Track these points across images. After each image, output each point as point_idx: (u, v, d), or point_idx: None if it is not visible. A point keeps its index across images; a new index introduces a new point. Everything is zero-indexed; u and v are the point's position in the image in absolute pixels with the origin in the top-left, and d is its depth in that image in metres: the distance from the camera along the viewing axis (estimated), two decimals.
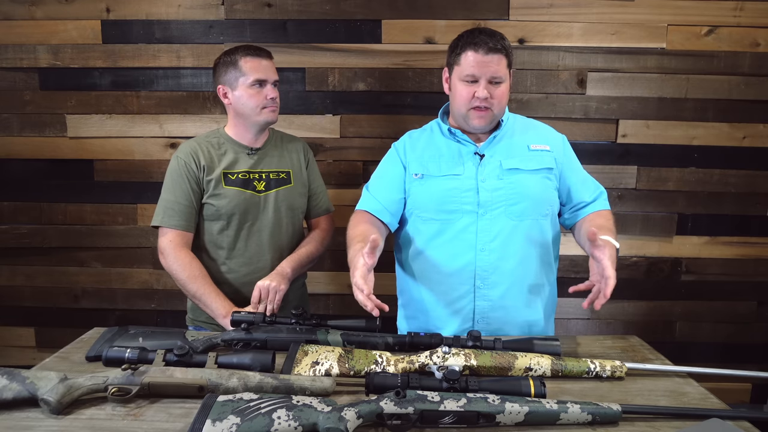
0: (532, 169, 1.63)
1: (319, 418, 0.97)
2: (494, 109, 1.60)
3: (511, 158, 1.64)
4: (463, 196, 1.62)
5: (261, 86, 1.76)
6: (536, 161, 1.64)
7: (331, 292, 2.49)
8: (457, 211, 1.62)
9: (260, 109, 1.77)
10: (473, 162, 1.64)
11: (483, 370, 1.25)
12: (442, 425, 1.04)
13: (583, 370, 1.28)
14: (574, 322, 2.48)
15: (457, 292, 1.62)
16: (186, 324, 1.90)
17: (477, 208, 1.61)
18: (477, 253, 1.61)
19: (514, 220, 1.60)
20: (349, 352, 1.26)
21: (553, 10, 2.33)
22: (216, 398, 1.01)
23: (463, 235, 1.62)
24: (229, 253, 1.82)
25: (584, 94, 2.38)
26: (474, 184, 1.62)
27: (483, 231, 1.61)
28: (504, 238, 1.60)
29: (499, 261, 1.59)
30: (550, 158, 1.67)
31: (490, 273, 1.60)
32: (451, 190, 1.63)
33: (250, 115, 1.78)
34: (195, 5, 2.33)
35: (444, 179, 1.65)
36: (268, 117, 1.79)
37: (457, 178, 1.64)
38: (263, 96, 1.76)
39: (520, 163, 1.63)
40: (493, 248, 1.60)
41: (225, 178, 1.78)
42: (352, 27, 2.34)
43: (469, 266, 1.61)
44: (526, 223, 1.61)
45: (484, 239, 1.61)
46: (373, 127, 2.40)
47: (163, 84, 2.37)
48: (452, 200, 1.63)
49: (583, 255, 2.43)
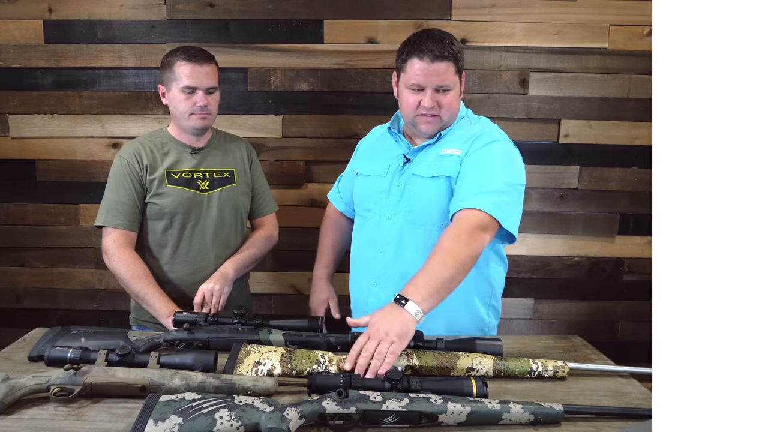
0: (431, 177, 1.57)
1: (261, 418, 0.98)
2: (443, 116, 1.58)
3: (421, 164, 1.60)
4: (377, 197, 1.65)
5: (191, 93, 1.75)
6: (438, 168, 1.57)
7: (274, 292, 2.49)
8: (371, 210, 1.68)
9: (188, 115, 1.77)
10: (397, 165, 1.65)
11: (425, 370, 1.26)
12: (384, 425, 1.05)
13: (526, 370, 1.28)
14: (516, 322, 2.48)
15: (364, 288, 1.67)
16: (129, 324, 1.91)
17: (384, 210, 1.64)
18: (376, 253, 1.65)
19: (409, 226, 1.60)
20: (291, 352, 1.27)
21: (496, 10, 2.33)
22: (158, 398, 1.01)
23: (372, 234, 1.66)
24: (173, 252, 1.82)
25: (526, 94, 2.38)
26: (387, 187, 1.64)
27: (384, 233, 1.63)
28: (397, 243, 1.61)
29: (390, 264, 1.62)
30: (454, 164, 1.56)
31: (381, 275, 1.63)
32: (370, 189, 1.68)
33: (179, 118, 1.79)
34: (137, 5, 2.33)
35: (369, 179, 1.71)
36: (195, 124, 1.78)
37: (378, 179, 1.67)
38: (192, 103, 1.75)
39: (423, 169, 1.59)
40: (388, 251, 1.63)
41: (168, 177, 1.79)
42: (295, 27, 2.34)
43: (371, 265, 1.66)
44: (420, 230, 1.59)
45: (383, 241, 1.63)
46: (315, 127, 2.40)
47: (106, 84, 2.37)
48: (369, 199, 1.68)
49: (525, 255, 2.45)
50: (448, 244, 1.39)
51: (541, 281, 2.46)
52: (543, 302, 2.48)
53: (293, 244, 2.39)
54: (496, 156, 1.56)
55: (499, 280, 1.71)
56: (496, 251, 1.69)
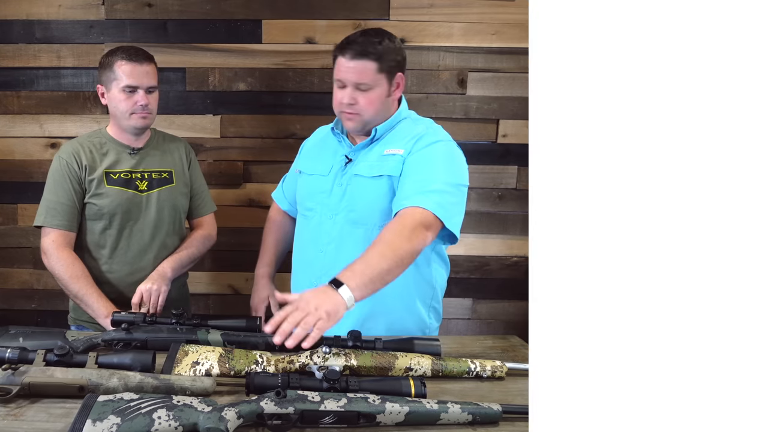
0: (373, 176, 1.59)
1: (199, 418, 0.97)
2: (363, 115, 1.58)
3: (362, 164, 1.62)
4: (319, 197, 1.65)
5: (132, 92, 1.76)
6: (380, 167, 1.59)
7: (212, 292, 2.49)
8: (313, 210, 1.67)
9: (129, 114, 1.77)
10: (339, 164, 1.65)
11: (363, 370, 1.25)
12: (322, 425, 1.04)
13: (464, 370, 1.27)
14: (454, 322, 2.48)
15: (305, 287, 1.60)
16: (68, 324, 1.91)
17: (326, 210, 1.64)
18: (317, 253, 1.65)
19: (350, 226, 1.60)
20: (229, 352, 1.26)
21: (434, 10, 2.33)
22: (96, 398, 1.00)
23: (314, 234, 1.66)
24: (111, 252, 1.83)
25: (465, 94, 2.38)
26: (329, 187, 1.64)
27: (325, 233, 1.63)
28: (338, 243, 1.61)
29: (332, 264, 1.60)
30: (396, 163, 1.57)
31: (322, 275, 1.60)
32: (313, 189, 1.69)
33: (120, 118, 1.79)
34: (75, 5, 2.33)
35: (312, 178, 1.71)
36: (136, 123, 1.79)
37: (320, 179, 1.68)
38: (133, 102, 1.76)
39: (365, 169, 1.60)
40: (329, 251, 1.62)
41: (107, 177, 1.79)
42: (233, 27, 2.34)
43: (312, 264, 1.66)
44: (361, 230, 1.60)
45: (324, 241, 1.63)
46: (253, 127, 2.40)
47: (44, 84, 2.37)
48: (311, 198, 1.68)
49: (463, 255, 2.44)
50: (389, 236, 1.39)
51: (480, 281, 2.46)
52: (481, 302, 2.47)
53: (231, 244, 2.39)
54: (440, 156, 1.57)
55: (440, 282, 1.72)
56: (438, 253, 1.69)
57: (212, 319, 1.41)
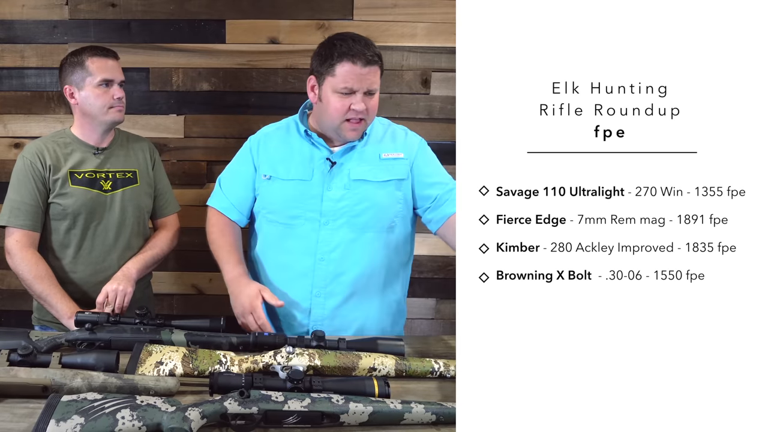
0: (381, 181, 1.61)
1: (163, 418, 0.98)
2: (368, 120, 1.59)
3: (361, 168, 1.61)
4: (307, 203, 1.61)
5: (108, 86, 1.78)
6: (387, 171, 1.61)
7: (176, 292, 2.49)
8: (299, 217, 1.61)
9: (107, 109, 1.79)
10: (323, 168, 1.62)
11: (327, 370, 1.25)
12: (286, 425, 1.05)
13: (428, 370, 1.28)
14: (418, 322, 2.48)
15: (294, 298, 1.61)
16: (32, 324, 1.91)
17: (320, 216, 1.60)
18: (316, 261, 1.60)
19: (355, 231, 1.59)
20: (193, 352, 1.26)
21: (397, 10, 2.33)
22: (60, 398, 1.01)
23: (306, 242, 1.61)
24: (75, 252, 1.83)
25: (428, 94, 2.38)
26: (320, 192, 1.60)
27: (323, 240, 1.59)
28: (344, 249, 1.59)
29: (337, 272, 1.59)
30: (403, 167, 1.63)
31: (328, 282, 1.59)
32: (297, 195, 1.62)
33: (97, 114, 1.80)
34: (39, 5, 2.33)
35: (291, 183, 1.64)
36: (114, 117, 1.81)
37: (304, 184, 1.62)
38: (110, 96, 1.78)
39: (369, 173, 1.60)
40: (333, 258, 1.59)
41: (71, 177, 1.80)
42: (196, 27, 2.35)
43: (308, 274, 1.61)
44: (368, 235, 1.60)
45: (324, 249, 1.59)
46: (217, 127, 2.40)
47: (7, 84, 2.37)
48: (296, 205, 1.62)
49: (427, 255, 2.44)
50: None
51: (443, 281, 2.45)
52: (445, 302, 2.47)
53: (195, 244, 2.37)
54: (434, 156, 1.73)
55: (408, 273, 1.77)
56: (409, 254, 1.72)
57: (176, 319, 1.41)
